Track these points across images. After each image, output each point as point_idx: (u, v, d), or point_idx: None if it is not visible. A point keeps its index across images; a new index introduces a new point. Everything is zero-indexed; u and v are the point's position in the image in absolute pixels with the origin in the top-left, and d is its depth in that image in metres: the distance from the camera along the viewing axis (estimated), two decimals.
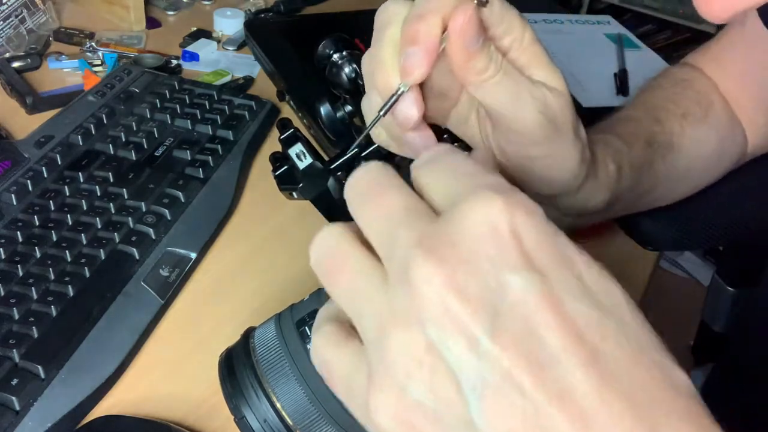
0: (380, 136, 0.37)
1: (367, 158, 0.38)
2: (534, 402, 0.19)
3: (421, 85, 0.33)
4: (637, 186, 0.50)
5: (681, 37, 2.53)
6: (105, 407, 0.47)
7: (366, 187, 0.24)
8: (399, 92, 0.32)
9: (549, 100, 0.37)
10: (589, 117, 0.82)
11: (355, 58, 0.42)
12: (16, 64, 0.79)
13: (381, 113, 0.33)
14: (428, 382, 0.20)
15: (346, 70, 0.42)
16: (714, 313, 0.82)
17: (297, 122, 0.75)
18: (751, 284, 0.54)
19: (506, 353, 0.19)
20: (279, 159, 0.42)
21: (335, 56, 0.42)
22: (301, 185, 0.39)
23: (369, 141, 0.39)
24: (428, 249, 0.21)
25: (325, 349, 0.25)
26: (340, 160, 0.39)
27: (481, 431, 0.19)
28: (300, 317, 0.35)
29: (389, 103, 0.33)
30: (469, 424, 0.20)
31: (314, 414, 0.33)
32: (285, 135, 0.41)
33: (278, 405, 0.33)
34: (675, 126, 0.55)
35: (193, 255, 0.57)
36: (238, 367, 0.35)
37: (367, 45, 0.34)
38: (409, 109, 0.33)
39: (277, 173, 0.42)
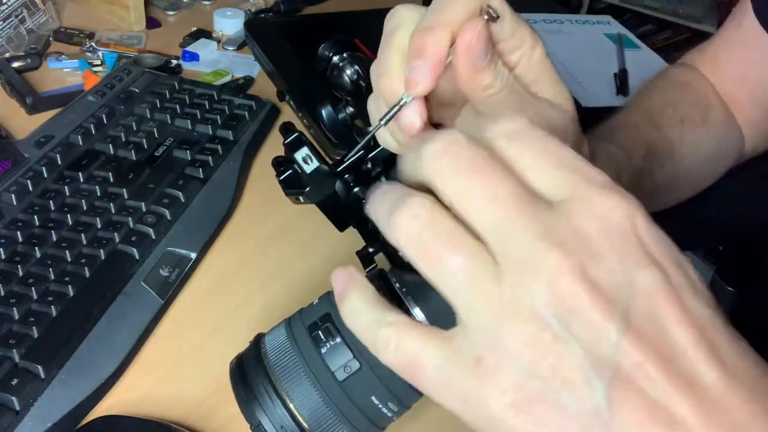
0: (385, 138, 0.38)
1: (374, 160, 0.38)
2: (664, 392, 0.20)
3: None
4: (637, 194, 0.50)
5: (681, 37, 2.53)
6: (105, 407, 0.47)
7: (466, 161, 0.22)
8: (402, 102, 0.32)
9: (553, 119, 0.36)
10: (590, 117, 0.82)
11: (356, 60, 0.41)
12: (16, 64, 0.79)
13: (382, 122, 0.33)
14: (554, 373, 0.20)
15: (348, 72, 0.42)
16: None
17: (297, 122, 0.75)
18: (752, 284, 0.54)
19: (638, 345, 0.20)
20: (282, 163, 0.42)
21: (335, 58, 0.42)
22: (308, 189, 0.39)
23: (375, 143, 0.39)
24: (556, 242, 0.21)
25: (403, 342, 0.24)
26: (346, 163, 0.39)
27: (609, 421, 0.20)
28: (311, 321, 0.35)
29: (392, 113, 0.33)
30: (596, 413, 0.20)
31: (330, 417, 0.33)
32: (290, 139, 0.40)
33: (294, 410, 0.33)
34: (674, 132, 0.55)
35: (193, 255, 0.57)
36: (250, 374, 0.35)
37: (368, 45, 0.34)
38: (412, 117, 0.33)
39: (282, 178, 0.42)
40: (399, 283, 0.33)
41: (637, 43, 0.97)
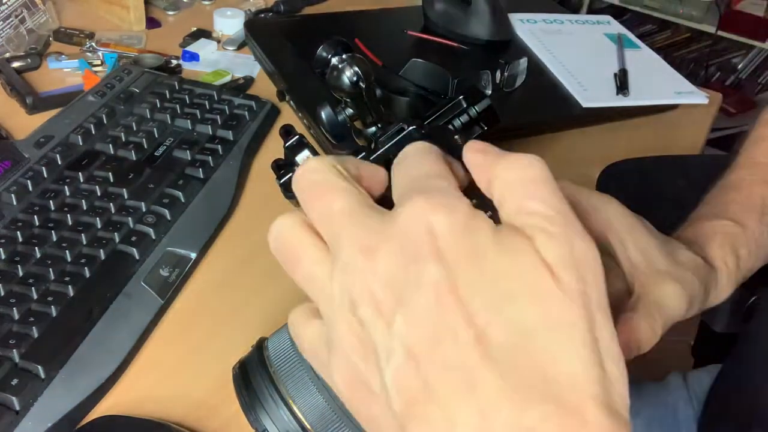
0: None
1: (375, 162, 0.38)
2: (427, 373, 0.22)
3: None
4: (757, 261, 0.50)
5: (681, 37, 2.53)
6: (105, 407, 0.47)
7: (311, 186, 0.27)
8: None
9: (672, 316, 0.40)
10: (590, 117, 0.83)
11: (355, 62, 0.41)
12: (16, 64, 0.79)
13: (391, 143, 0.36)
14: (363, 355, 0.24)
15: (347, 73, 0.41)
16: (714, 313, 0.82)
17: (297, 122, 0.75)
18: (751, 284, 0.54)
19: (410, 331, 0.22)
20: (282, 166, 0.42)
21: (334, 60, 0.42)
22: None
23: (375, 145, 0.39)
24: (363, 244, 0.24)
25: (296, 325, 0.29)
26: None
27: (390, 396, 0.23)
28: None
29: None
30: (385, 395, 0.23)
31: (336, 421, 0.33)
32: (290, 142, 0.40)
33: (299, 414, 0.33)
34: None
35: (193, 255, 0.57)
36: (254, 379, 0.35)
37: (368, 45, 0.34)
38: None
39: (282, 181, 0.41)
40: None
41: (637, 43, 0.97)
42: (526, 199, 0.25)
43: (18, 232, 0.55)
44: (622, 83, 0.85)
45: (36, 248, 0.54)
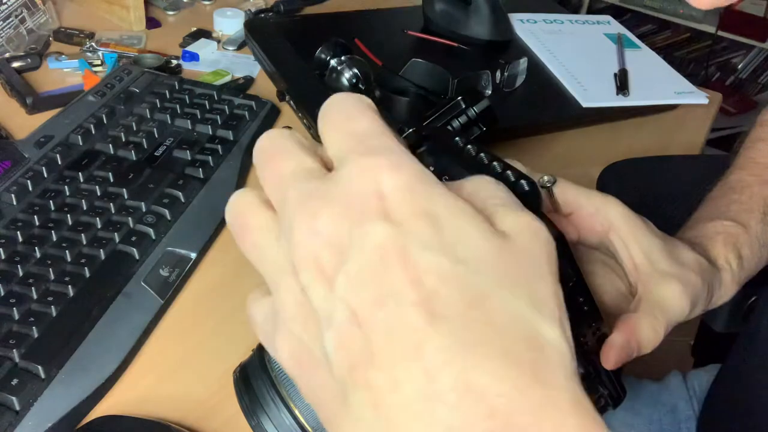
0: None
1: None
2: (368, 335, 0.21)
3: None
4: (760, 261, 0.50)
5: (681, 37, 2.53)
6: (105, 407, 0.47)
7: (264, 153, 0.26)
8: None
9: (675, 316, 0.41)
10: (590, 117, 0.83)
11: (354, 63, 0.41)
12: (16, 64, 0.79)
13: None
14: (303, 323, 0.23)
15: (346, 75, 0.41)
16: (714, 313, 0.82)
17: (297, 122, 0.75)
18: (751, 284, 0.54)
19: (352, 292, 0.21)
20: None
21: (333, 61, 0.42)
22: None
23: None
24: (307, 207, 0.23)
25: (249, 306, 0.28)
26: None
27: (331, 362, 0.22)
28: None
29: None
30: (327, 360, 0.22)
31: None
32: None
33: (301, 419, 0.33)
34: None
35: (193, 255, 0.57)
36: (256, 383, 0.34)
37: (368, 45, 0.34)
38: None
39: None
40: None
41: (637, 43, 0.97)
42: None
43: (18, 232, 0.55)
44: (622, 83, 0.85)
45: (36, 248, 0.54)
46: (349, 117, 0.26)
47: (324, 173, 0.25)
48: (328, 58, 0.42)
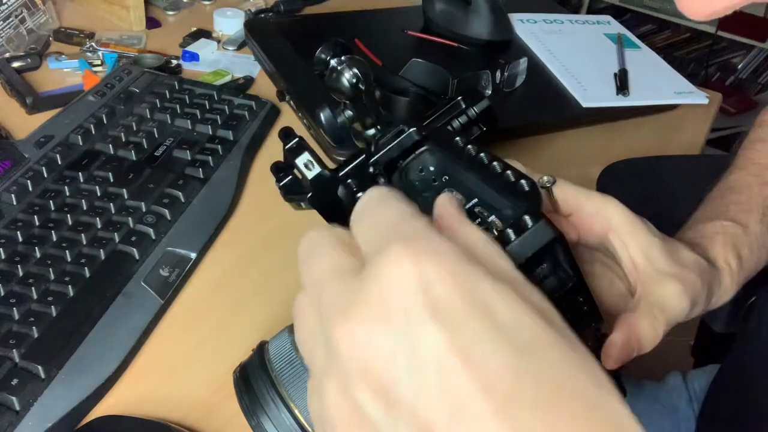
0: None
1: (375, 165, 0.38)
2: None
3: None
4: (759, 262, 0.50)
5: (681, 37, 2.53)
6: (105, 407, 0.47)
7: (304, 251, 0.26)
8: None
9: (674, 316, 0.41)
10: (590, 117, 0.82)
11: (354, 63, 0.41)
12: (16, 64, 0.79)
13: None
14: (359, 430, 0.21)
15: (346, 75, 0.41)
16: (714, 313, 0.82)
17: (297, 123, 0.75)
18: (750, 284, 0.54)
19: (419, 407, 0.20)
20: (282, 168, 0.42)
21: (333, 62, 0.41)
22: (310, 195, 0.39)
23: (376, 147, 0.39)
24: (343, 313, 0.21)
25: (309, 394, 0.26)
26: (348, 168, 0.38)
27: None
28: None
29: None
30: None
31: None
32: (290, 144, 0.40)
33: (301, 418, 0.33)
34: None
35: (193, 255, 0.57)
36: (256, 383, 0.34)
37: (368, 45, 0.34)
38: None
39: (282, 183, 0.41)
40: None
41: (637, 43, 0.97)
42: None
43: (18, 232, 0.55)
44: (622, 83, 0.85)
45: (36, 248, 0.54)
46: (379, 210, 0.25)
47: (357, 270, 0.23)
48: (328, 58, 0.42)
